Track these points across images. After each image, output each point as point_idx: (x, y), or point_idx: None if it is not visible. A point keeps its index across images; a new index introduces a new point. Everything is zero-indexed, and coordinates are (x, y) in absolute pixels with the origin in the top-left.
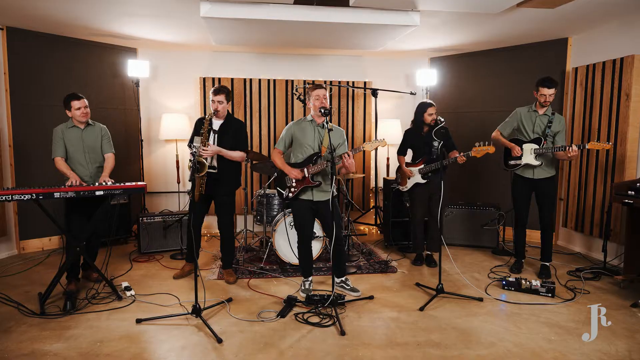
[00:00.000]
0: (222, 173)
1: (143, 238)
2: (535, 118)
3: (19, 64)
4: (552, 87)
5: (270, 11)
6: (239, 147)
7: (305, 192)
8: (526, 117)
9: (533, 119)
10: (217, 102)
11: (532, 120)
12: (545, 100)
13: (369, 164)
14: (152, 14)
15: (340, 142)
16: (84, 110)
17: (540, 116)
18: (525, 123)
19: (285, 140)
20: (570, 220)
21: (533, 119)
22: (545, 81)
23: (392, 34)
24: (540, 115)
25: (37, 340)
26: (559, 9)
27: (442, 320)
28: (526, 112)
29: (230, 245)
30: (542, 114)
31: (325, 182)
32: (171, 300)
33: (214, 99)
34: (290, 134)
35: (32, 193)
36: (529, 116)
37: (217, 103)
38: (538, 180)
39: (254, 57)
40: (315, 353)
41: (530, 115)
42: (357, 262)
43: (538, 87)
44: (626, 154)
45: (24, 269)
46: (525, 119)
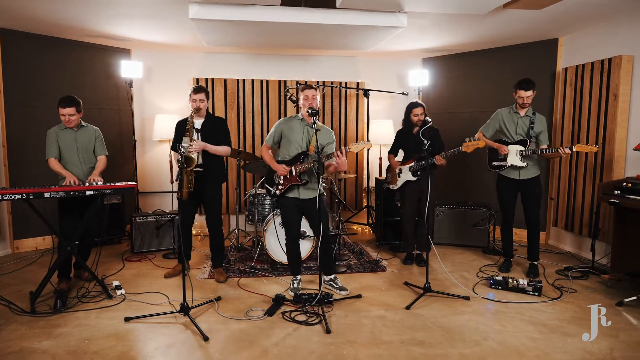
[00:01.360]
0: (207, 170)
1: (136, 238)
2: (517, 119)
3: (14, 65)
4: (529, 89)
5: (257, 13)
6: (222, 142)
7: (292, 190)
8: (508, 118)
9: (515, 120)
10: (198, 100)
11: (514, 122)
12: (523, 102)
13: (361, 165)
14: (144, 15)
15: (329, 142)
16: (68, 119)
17: (522, 117)
18: (508, 124)
19: (274, 136)
20: (561, 219)
21: (515, 120)
22: (522, 83)
23: (380, 35)
24: (522, 116)
25: (26, 338)
26: (545, 10)
27: (427, 319)
28: (507, 113)
29: (220, 242)
30: (523, 115)
31: (312, 181)
32: (161, 299)
33: (195, 98)
34: (280, 130)
35: (22, 193)
36: (510, 117)
37: (199, 102)
38: (523, 181)
39: (247, 58)
40: (300, 351)
41: (512, 117)
42: (348, 262)
43: (516, 89)
44: (614, 154)
45: (17, 268)
46: (507, 120)
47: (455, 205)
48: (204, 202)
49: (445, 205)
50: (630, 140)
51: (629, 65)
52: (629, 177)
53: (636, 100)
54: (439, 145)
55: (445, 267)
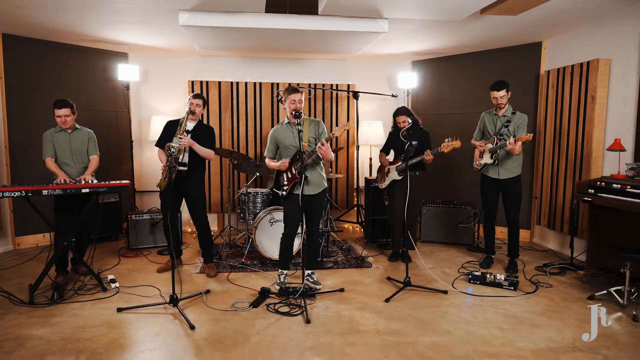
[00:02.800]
0: (191, 170)
1: (132, 235)
2: (496, 120)
3: (15, 69)
4: (500, 89)
5: (244, 19)
6: (208, 147)
7: (295, 187)
8: (489, 120)
9: (495, 121)
10: (195, 104)
11: (494, 123)
12: (497, 102)
13: (352, 164)
14: (139, 21)
15: (319, 132)
16: (64, 119)
17: (500, 117)
18: (488, 126)
19: (272, 147)
20: (544, 218)
21: (495, 121)
22: (493, 85)
23: (364, 40)
24: (500, 117)
25: (24, 326)
26: (522, 15)
27: (404, 311)
28: (488, 115)
29: (207, 238)
30: (501, 115)
31: (312, 176)
32: (153, 292)
33: (193, 102)
34: (274, 140)
35: (21, 190)
36: (491, 119)
37: (196, 105)
38: (502, 180)
39: (241, 61)
40: (280, 339)
41: (492, 118)
42: (335, 258)
43: (489, 91)
44: (592, 154)
45: (18, 263)
46: (488, 122)
47: (442, 204)
48: (188, 200)
49: (432, 204)
50: (607, 141)
51: (606, 69)
52: (603, 177)
53: (613, 102)
54: (427, 146)
55: (429, 263)
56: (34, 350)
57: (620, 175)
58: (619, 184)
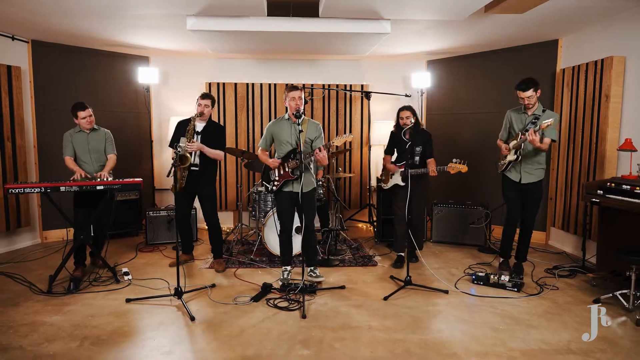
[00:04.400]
0: (202, 170)
1: (149, 230)
2: (525, 118)
3: (43, 73)
4: (526, 90)
5: (247, 23)
6: (218, 147)
7: (287, 185)
8: (516, 119)
9: (523, 120)
10: (203, 105)
11: (522, 122)
12: (525, 102)
13: (365, 164)
14: (153, 26)
15: (316, 136)
16: (89, 119)
17: (529, 117)
18: (516, 124)
19: (267, 139)
20: (558, 219)
21: (523, 120)
22: (519, 84)
23: (368, 41)
24: (529, 116)
25: (39, 313)
26: (529, 14)
27: (401, 309)
28: (516, 114)
29: (217, 233)
30: (530, 115)
31: (305, 175)
32: (162, 285)
33: (201, 102)
34: (270, 132)
35: (41, 187)
36: (519, 118)
37: (204, 106)
38: (524, 185)
39: (256, 63)
40: (273, 332)
41: (521, 117)
42: (343, 256)
43: (516, 91)
44: (606, 154)
45: (43, 256)
46: (516, 120)
47: (454, 204)
48: (199, 200)
49: (444, 205)
50: (622, 141)
51: (621, 67)
52: (614, 177)
53: (628, 101)
54: (428, 151)
55: (436, 263)
56: (44, 335)
57: (632, 175)
58: (628, 185)
